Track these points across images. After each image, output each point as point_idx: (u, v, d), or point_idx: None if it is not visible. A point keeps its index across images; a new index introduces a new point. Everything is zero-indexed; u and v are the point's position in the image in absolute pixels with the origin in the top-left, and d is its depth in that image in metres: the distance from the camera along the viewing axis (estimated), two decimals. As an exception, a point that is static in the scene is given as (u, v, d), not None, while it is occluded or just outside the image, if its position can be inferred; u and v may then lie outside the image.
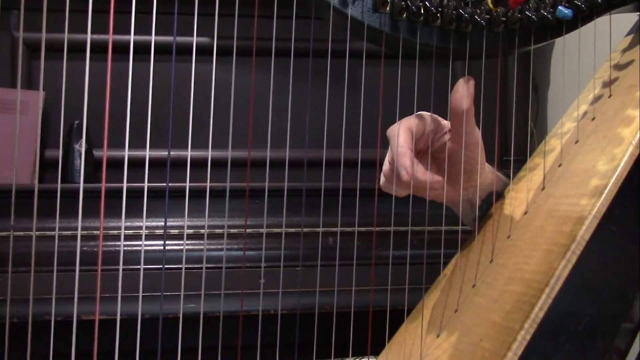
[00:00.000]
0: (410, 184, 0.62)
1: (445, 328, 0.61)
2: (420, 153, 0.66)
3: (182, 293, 0.75)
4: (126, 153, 0.56)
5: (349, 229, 1.21)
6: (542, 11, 0.62)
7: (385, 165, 0.67)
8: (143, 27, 0.59)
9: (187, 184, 1.15)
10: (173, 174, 1.25)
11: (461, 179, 0.66)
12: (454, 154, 0.66)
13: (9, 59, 1.44)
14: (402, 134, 0.62)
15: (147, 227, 1.24)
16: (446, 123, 0.66)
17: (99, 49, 0.60)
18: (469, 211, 0.71)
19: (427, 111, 0.66)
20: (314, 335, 0.64)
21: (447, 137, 0.66)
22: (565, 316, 0.51)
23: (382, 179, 0.68)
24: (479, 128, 0.66)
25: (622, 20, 0.68)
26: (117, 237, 1.21)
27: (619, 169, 0.54)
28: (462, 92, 0.62)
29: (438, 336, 0.61)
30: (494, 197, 0.69)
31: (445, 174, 0.66)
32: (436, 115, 0.66)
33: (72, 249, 1.18)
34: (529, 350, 0.50)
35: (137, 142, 0.61)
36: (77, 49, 0.69)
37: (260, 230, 1.23)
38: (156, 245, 1.24)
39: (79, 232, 1.19)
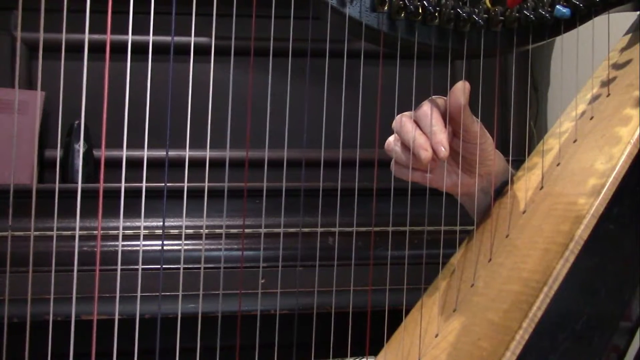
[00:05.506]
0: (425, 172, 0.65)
1: (444, 327, 0.61)
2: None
3: (180, 293, 0.75)
4: (124, 153, 0.56)
5: (348, 229, 1.21)
6: (540, 10, 0.62)
7: (395, 146, 0.66)
8: (141, 27, 0.59)
9: (185, 184, 1.15)
10: (171, 174, 1.25)
11: (477, 167, 0.67)
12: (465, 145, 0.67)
13: (8, 59, 1.44)
14: (434, 113, 0.62)
15: (145, 227, 1.24)
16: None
17: (97, 48, 0.60)
18: (482, 200, 0.71)
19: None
20: (312, 335, 0.64)
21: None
22: (563, 315, 0.51)
23: (394, 165, 0.67)
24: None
25: (620, 20, 0.69)
26: (115, 237, 1.21)
27: (617, 168, 0.54)
28: (461, 88, 0.62)
29: (436, 336, 0.61)
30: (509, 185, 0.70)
31: (460, 163, 0.67)
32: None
33: (70, 249, 1.18)
34: (527, 349, 0.50)
35: (136, 142, 0.61)
36: (76, 49, 0.69)
37: (259, 230, 1.23)
38: (155, 245, 1.24)
39: (77, 232, 1.19)
